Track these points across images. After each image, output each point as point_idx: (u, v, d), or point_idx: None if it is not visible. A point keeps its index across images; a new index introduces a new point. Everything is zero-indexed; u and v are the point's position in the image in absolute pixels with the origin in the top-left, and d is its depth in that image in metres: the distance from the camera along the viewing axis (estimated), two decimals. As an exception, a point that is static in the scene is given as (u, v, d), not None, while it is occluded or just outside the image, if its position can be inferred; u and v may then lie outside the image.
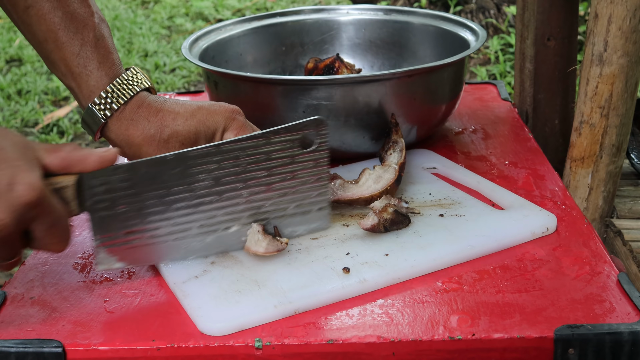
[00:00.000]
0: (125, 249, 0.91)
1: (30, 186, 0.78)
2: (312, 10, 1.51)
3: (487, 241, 0.97)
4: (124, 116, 0.97)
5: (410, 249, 0.95)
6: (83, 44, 0.97)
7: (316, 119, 0.94)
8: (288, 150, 0.94)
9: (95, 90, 0.97)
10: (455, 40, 1.34)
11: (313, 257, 0.94)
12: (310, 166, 0.96)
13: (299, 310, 0.86)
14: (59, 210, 0.82)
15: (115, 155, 0.87)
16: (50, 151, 0.84)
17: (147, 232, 0.91)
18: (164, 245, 0.93)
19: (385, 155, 1.12)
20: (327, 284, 0.89)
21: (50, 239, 0.83)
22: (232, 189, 0.93)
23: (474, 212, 1.04)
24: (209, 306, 0.86)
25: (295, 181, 0.96)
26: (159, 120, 0.97)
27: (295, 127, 0.94)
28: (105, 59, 0.98)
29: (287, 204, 0.97)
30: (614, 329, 0.80)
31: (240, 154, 0.92)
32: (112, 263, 0.92)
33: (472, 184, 1.14)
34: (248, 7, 4.91)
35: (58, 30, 0.96)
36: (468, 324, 0.83)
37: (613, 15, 1.29)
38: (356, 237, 0.99)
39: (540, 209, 1.04)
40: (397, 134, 1.14)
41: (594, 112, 1.36)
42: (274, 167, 0.94)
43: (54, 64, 0.98)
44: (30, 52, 4.12)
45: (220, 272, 0.92)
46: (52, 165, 0.84)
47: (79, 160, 0.85)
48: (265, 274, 0.91)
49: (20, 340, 0.82)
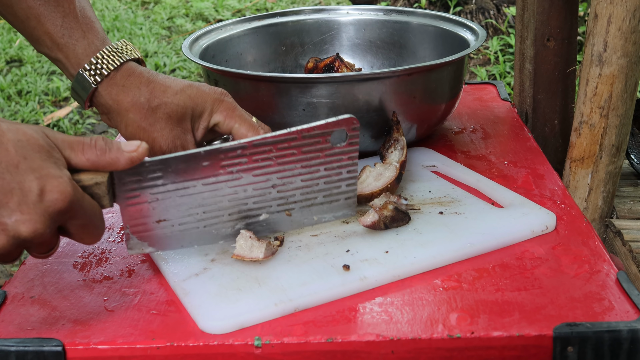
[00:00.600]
0: (155, 236, 0.92)
1: (61, 194, 0.77)
2: (312, 10, 1.51)
3: (487, 239, 0.97)
4: (114, 82, 0.98)
5: (410, 247, 0.95)
6: (65, 15, 0.98)
7: (349, 118, 0.95)
8: (319, 145, 0.95)
9: (83, 58, 0.98)
10: (455, 40, 1.34)
11: (313, 254, 0.95)
12: (341, 160, 0.97)
13: (299, 308, 0.86)
14: (90, 209, 0.82)
15: (145, 153, 0.86)
16: (77, 151, 0.83)
17: (177, 220, 0.92)
18: (194, 232, 0.94)
19: (386, 153, 1.12)
20: (327, 282, 0.89)
21: (83, 235, 0.83)
22: (263, 180, 0.94)
23: (473, 210, 1.04)
24: (209, 304, 0.86)
25: (325, 174, 0.97)
26: (149, 91, 0.98)
27: (327, 126, 0.94)
28: (89, 27, 0.99)
29: (316, 194, 0.98)
30: (613, 327, 0.80)
31: (272, 148, 0.93)
32: (143, 248, 0.93)
33: (471, 182, 1.14)
34: (248, 8, 4.91)
35: (39, 6, 0.97)
36: (467, 322, 0.83)
37: (612, 15, 1.30)
38: (356, 234, 0.99)
39: (540, 207, 1.04)
40: (398, 132, 1.14)
41: (593, 112, 1.36)
42: (305, 160, 0.95)
43: (38, 40, 0.99)
44: (31, 52, 4.12)
45: (221, 269, 0.92)
46: (80, 166, 0.83)
47: (109, 163, 0.84)
48: (266, 271, 0.91)
49: (20, 339, 0.82)
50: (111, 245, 1.03)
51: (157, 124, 0.98)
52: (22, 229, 0.76)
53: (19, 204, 0.76)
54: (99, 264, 0.98)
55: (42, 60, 4.04)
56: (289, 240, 0.98)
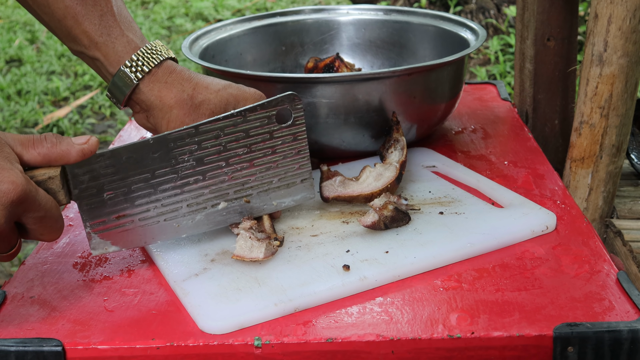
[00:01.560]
0: (117, 233, 0.93)
1: (12, 184, 0.78)
2: (312, 10, 1.51)
3: (487, 239, 0.97)
4: (156, 79, 0.99)
5: (410, 247, 0.95)
6: (102, 14, 0.98)
7: (290, 94, 0.97)
8: (266, 127, 0.97)
9: (123, 55, 0.98)
10: (455, 40, 1.34)
11: (313, 254, 0.95)
12: (290, 140, 0.99)
13: (299, 308, 0.86)
14: (46, 202, 0.83)
15: (96, 145, 0.88)
16: (29, 146, 0.84)
17: (136, 215, 0.93)
18: (156, 226, 0.95)
19: (386, 153, 1.12)
20: (327, 282, 0.89)
21: (42, 230, 0.84)
22: (215, 167, 0.96)
23: (473, 210, 1.04)
24: (209, 304, 0.86)
25: (276, 155, 0.99)
26: (192, 87, 0.99)
27: (270, 104, 0.96)
28: (127, 26, 0.99)
29: (271, 178, 0.99)
30: (613, 327, 0.80)
31: (220, 133, 0.95)
32: (106, 247, 0.93)
33: (471, 182, 1.14)
34: (248, 7, 4.91)
35: (76, 5, 0.97)
36: (467, 322, 0.83)
37: (613, 15, 1.29)
38: (356, 235, 0.99)
39: (540, 207, 1.04)
40: (398, 132, 1.14)
41: (594, 112, 1.36)
42: (254, 144, 0.97)
43: (75, 39, 0.99)
44: (30, 52, 4.12)
45: (220, 269, 0.92)
46: (32, 161, 0.85)
47: (61, 156, 0.86)
48: (265, 271, 0.91)
49: (20, 339, 0.82)
50: (111, 245, 1.03)
51: (200, 120, 0.99)
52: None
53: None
54: (99, 264, 0.98)
55: (41, 60, 4.04)
56: (288, 241, 0.98)
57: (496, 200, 1.09)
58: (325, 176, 1.07)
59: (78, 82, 3.77)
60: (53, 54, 4.10)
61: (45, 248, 1.02)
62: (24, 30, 4.55)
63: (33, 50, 4.21)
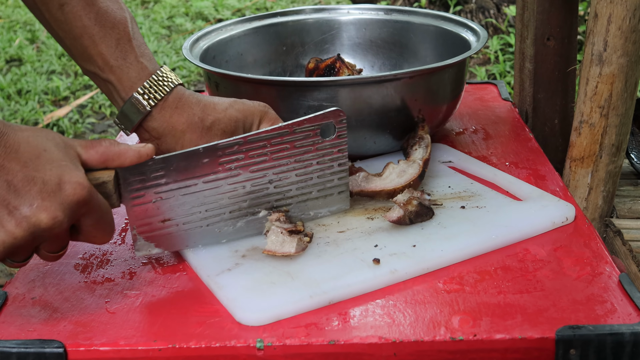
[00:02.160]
0: (161, 236, 0.95)
1: (79, 185, 0.81)
2: (313, 10, 1.51)
3: (510, 231, 0.99)
4: (167, 105, 1.00)
5: (436, 240, 0.97)
6: (120, 38, 0.98)
7: (335, 110, 0.99)
8: (310, 139, 0.99)
9: (136, 82, 0.99)
10: (456, 40, 1.34)
11: (342, 249, 0.96)
12: (331, 153, 1.01)
13: (333, 300, 0.87)
14: (104, 205, 0.86)
15: (152, 150, 0.90)
16: (88, 147, 0.87)
17: (181, 219, 0.95)
18: (198, 230, 0.97)
19: (410, 150, 1.14)
20: (359, 275, 0.90)
21: (96, 232, 0.87)
22: (260, 176, 0.98)
23: (494, 204, 1.06)
24: (245, 297, 0.87)
25: (318, 168, 1.01)
26: (201, 109, 1.00)
27: (316, 118, 0.99)
28: (142, 52, 1.00)
29: (311, 189, 1.02)
30: (616, 329, 0.80)
31: (267, 144, 0.97)
32: (150, 249, 0.96)
33: (488, 176, 1.16)
34: (248, 7, 4.91)
35: (94, 25, 0.97)
36: (469, 324, 0.83)
37: (613, 15, 1.29)
38: (382, 230, 1.00)
39: (558, 200, 1.06)
40: (423, 129, 1.15)
41: (593, 111, 1.36)
42: (298, 155, 0.99)
43: (90, 60, 0.99)
44: (31, 51, 4.12)
45: (252, 264, 0.94)
46: (90, 161, 0.87)
47: (117, 156, 0.88)
48: (297, 266, 0.93)
49: (21, 341, 0.82)
50: (112, 247, 1.03)
51: (214, 139, 1.00)
52: (42, 216, 0.79)
53: (40, 192, 0.79)
54: (100, 265, 0.98)
55: (41, 59, 4.04)
56: (317, 237, 0.99)
57: (514, 194, 1.10)
58: (349, 172, 1.08)
59: (78, 81, 3.77)
60: (53, 53, 4.10)
61: (46, 249, 1.02)
62: (24, 30, 4.54)
63: (33, 49, 4.20)
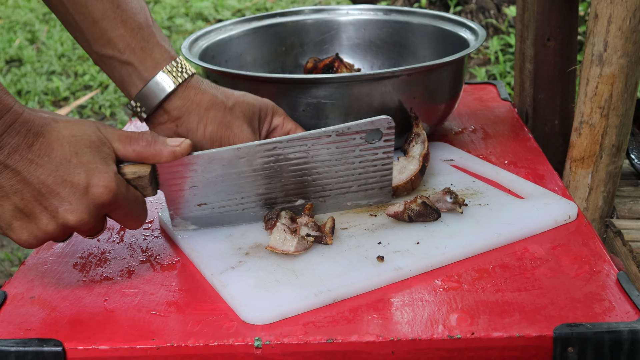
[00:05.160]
0: (197, 216, 1.00)
1: (105, 188, 0.86)
2: (312, 10, 1.51)
3: (513, 229, 0.99)
4: (191, 85, 1.01)
5: (440, 238, 0.97)
6: (141, 22, 0.99)
7: (385, 118, 1.00)
8: (354, 141, 1.01)
9: (161, 62, 0.99)
10: (455, 40, 1.34)
11: (345, 246, 0.96)
12: (376, 155, 1.03)
13: (338, 298, 0.87)
14: (134, 199, 0.91)
15: (188, 148, 0.94)
16: (126, 142, 0.91)
17: (217, 204, 1.00)
18: (234, 213, 1.01)
19: (408, 148, 1.15)
20: (364, 272, 0.90)
21: (125, 222, 0.92)
22: (300, 174, 1.00)
23: (497, 202, 1.06)
24: (249, 295, 0.87)
25: (360, 167, 1.03)
26: (222, 92, 1.02)
27: (365, 124, 1.00)
28: (162, 37, 1.01)
29: (351, 183, 1.04)
30: (613, 327, 0.80)
31: (309, 143, 0.99)
32: (187, 226, 1.01)
33: (490, 174, 1.16)
34: (248, 8, 4.91)
35: (116, 8, 0.97)
36: (467, 322, 0.83)
37: (613, 15, 1.29)
38: (385, 227, 1.01)
39: (561, 198, 1.06)
40: (417, 126, 1.17)
41: (593, 112, 1.36)
42: (340, 155, 1.01)
43: (109, 43, 0.98)
44: (30, 52, 4.12)
45: (256, 262, 0.94)
46: (127, 157, 0.92)
47: (153, 155, 0.92)
48: (301, 263, 0.93)
49: (20, 340, 0.82)
50: (111, 245, 1.03)
51: (236, 121, 1.01)
52: (69, 217, 0.86)
53: (69, 194, 0.85)
54: (99, 264, 0.98)
55: (41, 60, 4.04)
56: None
57: (516, 192, 1.10)
58: None
59: (78, 82, 3.77)
60: (53, 54, 4.11)
61: (45, 248, 1.02)
62: (24, 30, 4.55)
63: (33, 50, 4.21)
